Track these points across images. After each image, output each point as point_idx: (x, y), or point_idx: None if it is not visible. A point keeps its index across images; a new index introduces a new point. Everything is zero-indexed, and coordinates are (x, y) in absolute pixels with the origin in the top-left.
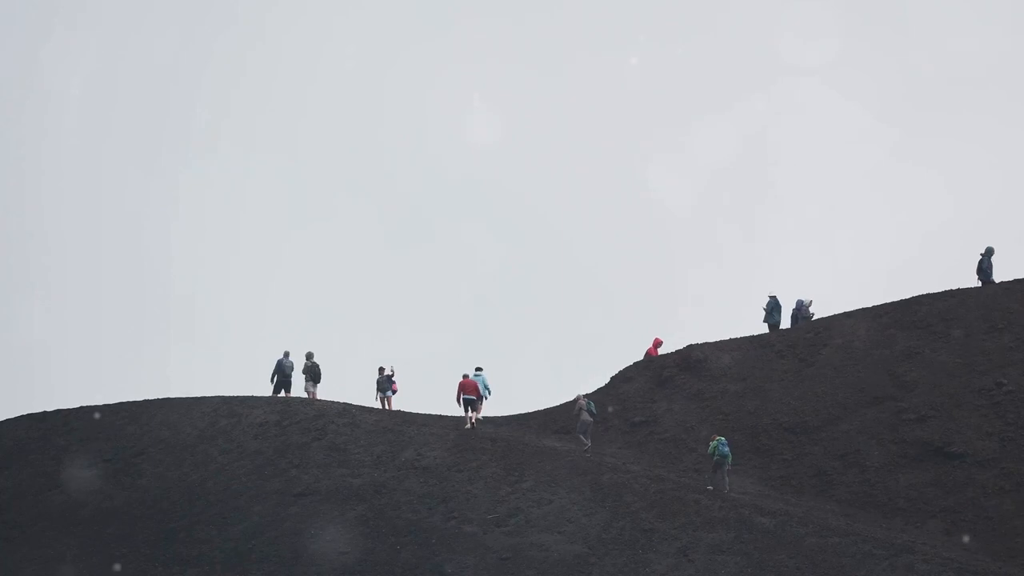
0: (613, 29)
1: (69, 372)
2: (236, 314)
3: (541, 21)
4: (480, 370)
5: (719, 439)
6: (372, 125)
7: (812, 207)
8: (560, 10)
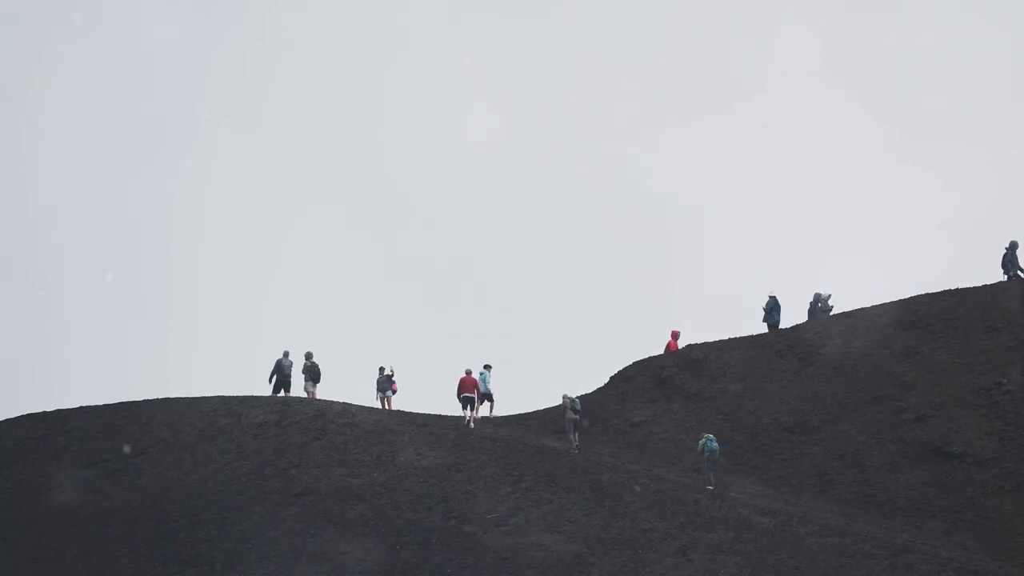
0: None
1: (69, 372)
2: (236, 314)
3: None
4: (488, 368)
5: (707, 436)
6: (372, 124)
7: (812, 207)
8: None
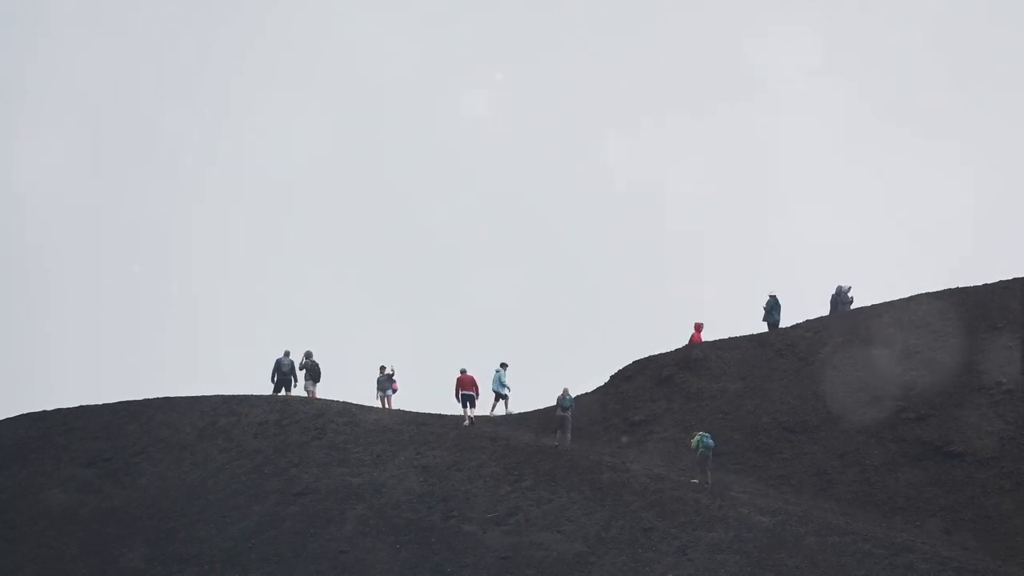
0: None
1: (69, 372)
2: (236, 314)
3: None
4: (504, 366)
5: (702, 433)
6: (372, 124)
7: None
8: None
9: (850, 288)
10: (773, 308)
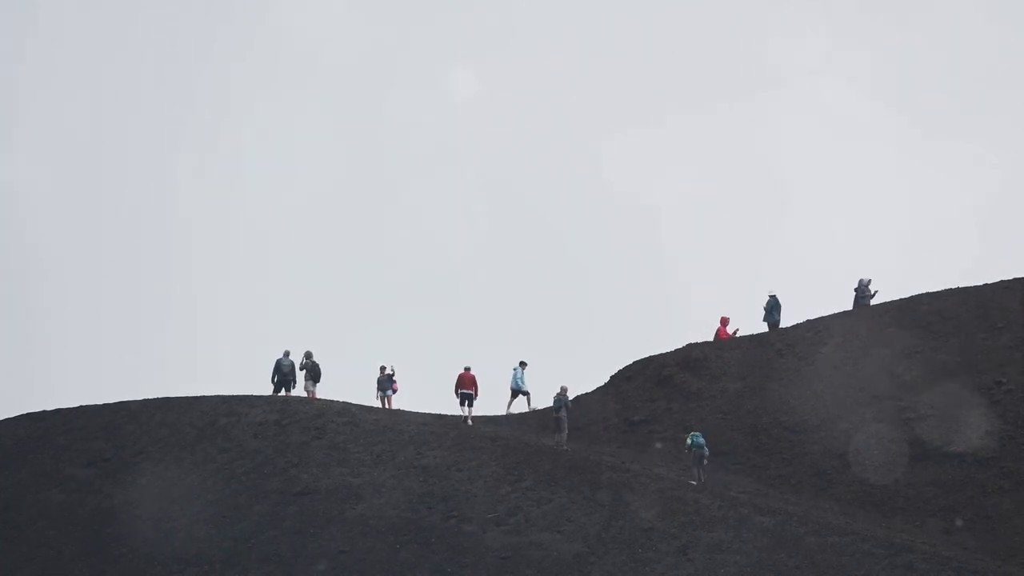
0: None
1: (69, 372)
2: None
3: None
4: (523, 364)
5: (694, 433)
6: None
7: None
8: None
9: (870, 281)
10: (773, 308)
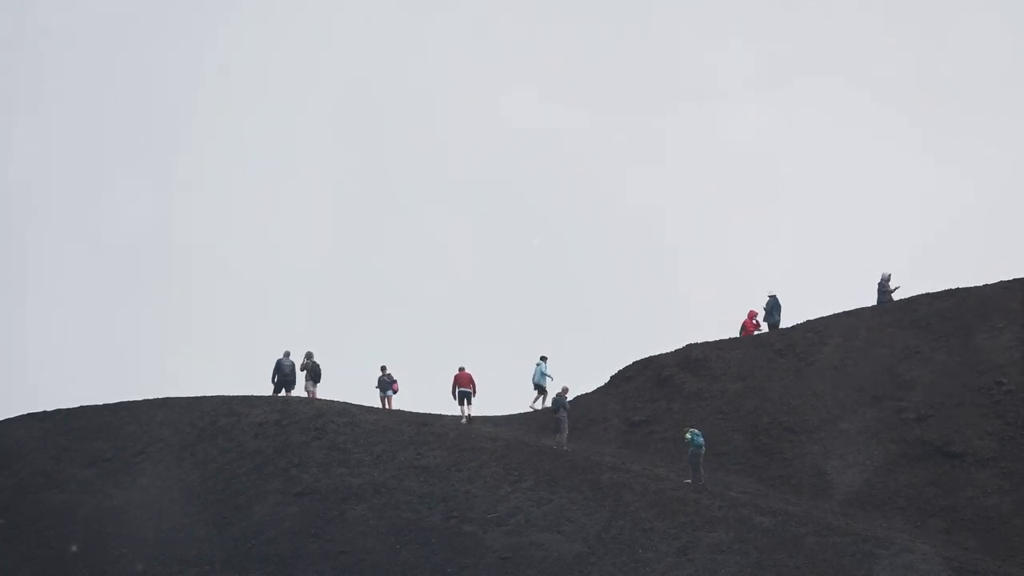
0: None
1: (69, 372)
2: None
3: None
4: (544, 359)
5: (692, 430)
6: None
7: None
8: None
9: (890, 276)
10: (773, 308)
